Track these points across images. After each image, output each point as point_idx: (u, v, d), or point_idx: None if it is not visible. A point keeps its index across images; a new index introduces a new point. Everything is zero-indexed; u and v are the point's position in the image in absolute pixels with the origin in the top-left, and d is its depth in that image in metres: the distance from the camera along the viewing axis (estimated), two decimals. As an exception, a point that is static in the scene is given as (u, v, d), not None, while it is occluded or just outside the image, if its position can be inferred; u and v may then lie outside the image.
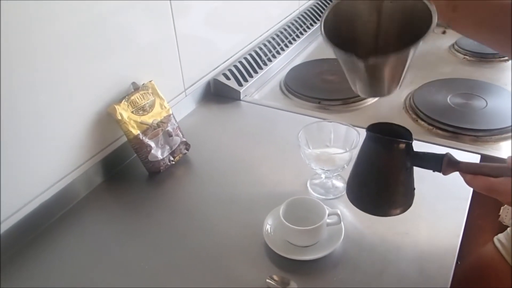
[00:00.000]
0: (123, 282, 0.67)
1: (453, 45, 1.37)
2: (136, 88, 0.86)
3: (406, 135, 0.54)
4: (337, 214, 0.69)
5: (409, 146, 0.53)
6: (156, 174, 0.87)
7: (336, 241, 0.68)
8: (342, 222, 0.70)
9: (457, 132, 0.96)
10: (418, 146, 0.89)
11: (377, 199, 0.57)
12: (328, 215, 0.68)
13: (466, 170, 0.51)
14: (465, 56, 1.31)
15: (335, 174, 0.79)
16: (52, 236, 0.75)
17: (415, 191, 0.58)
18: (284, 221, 0.66)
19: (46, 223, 0.77)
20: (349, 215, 0.75)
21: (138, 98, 0.85)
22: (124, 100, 0.83)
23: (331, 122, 0.81)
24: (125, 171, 0.90)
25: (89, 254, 0.72)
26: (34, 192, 0.76)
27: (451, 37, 1.42)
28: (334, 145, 0.80)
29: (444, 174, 0.52)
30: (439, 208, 0.75)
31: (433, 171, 0.52)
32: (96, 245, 0.73)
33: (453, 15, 0.60)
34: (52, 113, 0.74)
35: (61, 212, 0.80)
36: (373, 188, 0.56)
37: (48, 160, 0.77)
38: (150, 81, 0.88)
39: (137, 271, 0.68)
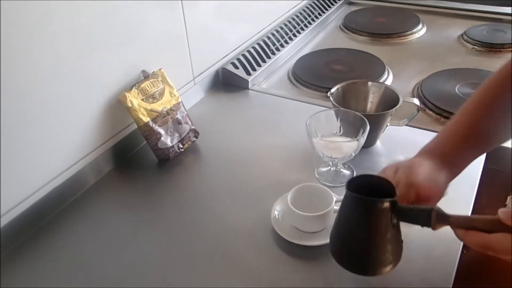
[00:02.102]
0: (133, 269, 0.68)
1: (462, 35, 1.36)
2: (146, 76, 0.87)
3: (388, 189, 0.51)
4: (345, 201, 0.70)
5: (394, 203, 0.50)
6: (166, 161, 0.88)
7: (343, 227, 0.69)
8: (349, 209, 0.70)
9: (465, 122, 0.96)
10: (426, 136, 0.91)
11: (364, 260, 0.53)
12: (336, 202, 0.69)
13: (457, 224, 0.49)
14: (474, 46, 1.30)
15: (342, 162, 0.79)
16: (62, 223, 0.77)
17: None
18: (292, 207, 0.67)
19: (56, 210, 0.79)
20: (356, 203, 0.76)
21: (148, 86, 0.86)
22: (134, 88, 0.84)
23: (338, 110, 0.82)
24: (135, 158, 0.91)
25: (99, 241, 0.73)
26: (44, 179, 0.77)
27: (460, 27, 1.42)
28: (342, 133, 0.81)
29: (433, 229, 0.50)
30: (446, 196, 0.76)
31: (422, 226, 0.50)
32: (106, 232, 0.74)
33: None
34: (62, 100, 0.76)
35: (71, 199, 0.81)
36: (359, 249, 0.53)
37: (58, 147, 0.78)
38: (159, 69, 0.89)
39: (146, 258, 0.69)
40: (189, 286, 0.64)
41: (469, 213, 0.73)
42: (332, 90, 0.87)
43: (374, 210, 0.50)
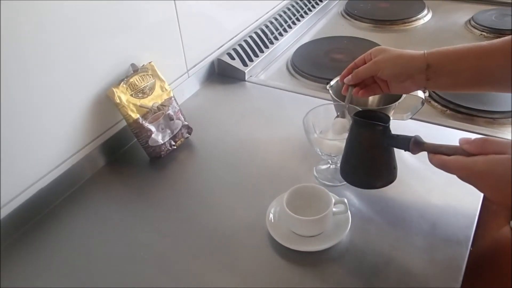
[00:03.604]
0: (127, 265, 0.66)
1: (469, 20, 1.30)
2: (135, 69, 0.83)
3: (385, 120, 0.60)
4: (344, 203, 0.66)
5: (385, 128, 0.60)
6: (158, 158, 0.84)
7: (342, 231, 0.65)
8: (349, 211, 0.67)
9: (472, 114, 0.91)
10: (431, 129, 0.86)
11: (359, 173, 0.65)
12: (334, 204, 0.65)
13: (428, 149, 0.57)
14: (482, 33, 1.24)
15: (342, 160, 0.75)
16: (55, 220, 0.74)
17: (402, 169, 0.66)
18: (288, 210, 0.63)
19: (48, 207, 0.76)
20: (356, 202, 0.72)
21: (137, 81, 0.81)
22: (122, 83, 0.79)
23: (338, 104, 0.77)
24: (127, 155, 0.87)
25: (91, 241, 0.70)
26: (35, 176, 0.74)
27: (467, 12, 1.36)
28: (342, 129, 0.76)
29: (412, 153, 0.58)
30: (452, 195, 0.72)
31: (404, 150, 0.59)
32: (98, 231, 0.71)
33: (428, 83, 0.68)
34: (47, 94, 0.71)
35: (62, 196, 0.78)
36: (355, 164, 0.64)
37: (48, 144, 0.74)
38: (149, 63, 0.85)
39: (140, 256, 0.67)
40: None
41: (477, 212, 0.68)
42: (332, 83, 0.83)
43: (368, 130, 0.61)
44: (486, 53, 0.64)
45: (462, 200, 0.71)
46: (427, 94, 0.79)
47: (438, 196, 0.72)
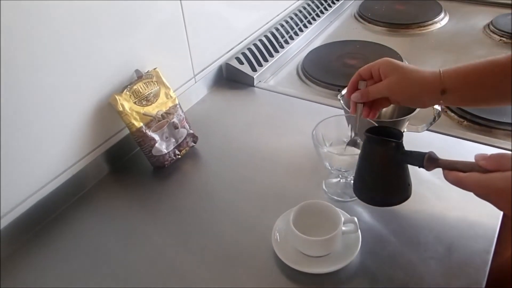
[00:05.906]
0: (127, 276, 0.64)
1: (488, 25, 1.25)
2: (139, 76, 0.80)
3: (398, 136, 0.59)
4: (354, 222, 0.63)
5: (398, 145, 0.58)
6: (161, 168, 0.81)
7: (352, 252, 0.62)
8: (359, 231, 0.63)
9: (490, 126, 0.87)
10: (447, 142, 0.82)
11: (372, 191, 0.63)
12: (344, 223, 0.62)
13: (443, 166, 0.56)
14: (502, 38, 1.19)
15: (352, 175, 0.72)
16: (58, 228, 0.72)
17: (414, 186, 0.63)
18: (295, 229, 0.60)
19: (51, 215, 0.74)
20: (368, 220, 0.69)
21: (141, 88, 0.79)
22: (126, 90, 0.77)
23: (350, 116, 0.74)
24: (131, 163, 0.85)
25: (95, 248, 0.69)
26: (38, 184, 0.72)
27: (486, 16, 1.31)
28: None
29: (426, 170, 0.57)
30: (470, 216, 0.68)
31: (418, 167, 0.57)
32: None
33: (442, 97, 0.64)
34: (53, 99, 0.70)
35: (65, 204, 0.76)
36: (368, 182, 0.62)
37: (50, 151, 0.72)
38: (154, 69, 0.82)
39: (141, 267, 0.65)
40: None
41: (496, 237, 0.65)
42: (343, 92, 0.79)
43: (382, 147, 0.59)
44: (506, 72, 0.61)
45: (479, 222, 0.67)
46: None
47: (455, 216, 0.68)
